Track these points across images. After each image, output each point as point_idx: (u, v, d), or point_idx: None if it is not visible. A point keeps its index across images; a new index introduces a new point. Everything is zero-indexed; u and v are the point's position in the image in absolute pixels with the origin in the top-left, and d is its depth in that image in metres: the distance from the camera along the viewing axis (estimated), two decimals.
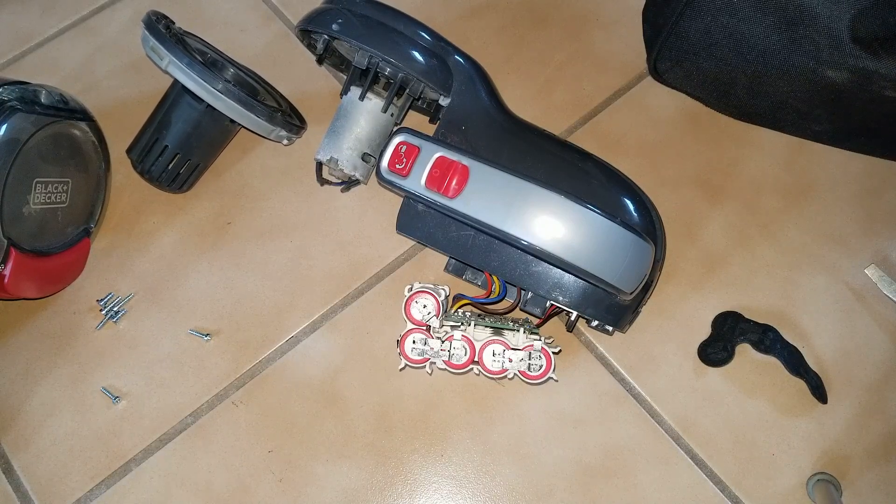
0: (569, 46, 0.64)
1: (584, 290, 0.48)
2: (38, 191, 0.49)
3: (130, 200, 0.58)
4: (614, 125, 0.61)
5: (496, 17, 0.66)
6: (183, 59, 0.50)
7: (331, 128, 0.55)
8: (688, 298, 0.54)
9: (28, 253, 0.49)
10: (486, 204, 0.44)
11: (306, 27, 0.51)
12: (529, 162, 0.49)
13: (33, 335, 0.53)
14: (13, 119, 0.46)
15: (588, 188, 0.49)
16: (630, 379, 0.52)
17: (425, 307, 0.47)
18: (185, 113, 0.54)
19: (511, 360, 0.47)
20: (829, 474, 0.48)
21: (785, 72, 0.53)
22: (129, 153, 0.56)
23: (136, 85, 0.63)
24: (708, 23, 0.54)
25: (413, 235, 0.51)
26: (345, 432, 0.50)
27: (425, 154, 0.46)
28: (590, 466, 0.49)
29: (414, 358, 0.47)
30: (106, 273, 0.55)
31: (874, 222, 0.57)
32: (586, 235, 0.43)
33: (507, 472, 0.49)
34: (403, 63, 0.49)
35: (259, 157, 0.60)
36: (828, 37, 0.50)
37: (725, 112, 0.61)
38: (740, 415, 0.51)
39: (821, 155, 0.60)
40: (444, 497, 0.49)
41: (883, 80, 0.51)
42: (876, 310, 0.54)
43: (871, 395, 0.51)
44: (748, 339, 0.52)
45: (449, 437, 0.50)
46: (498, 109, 0.51)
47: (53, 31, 0.66)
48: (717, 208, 0.58)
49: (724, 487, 0.49)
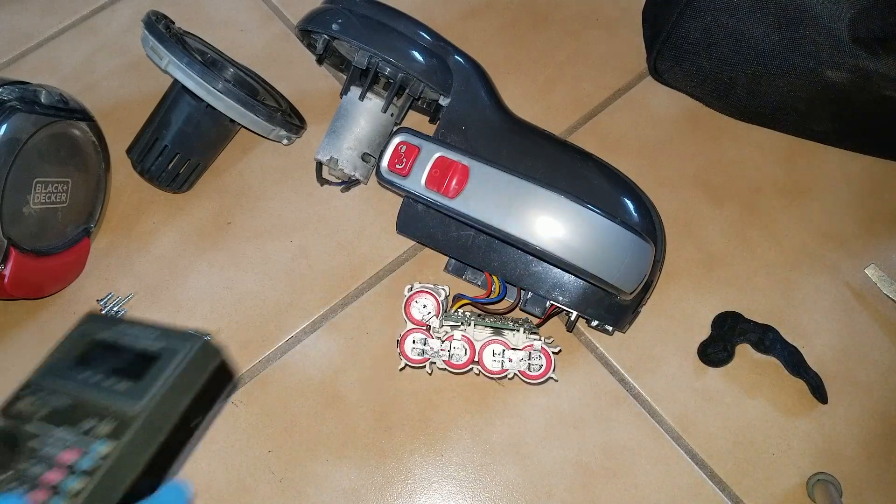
0: (569, 46, 0.64)
1: (583, 290, 0.48)
2: (38, 191, 0.49)
3: (130, 200, 0.58)
4: (614, 125, 0.61)
5: (496, 17, 0.66)
6: (183, 58, 0.50)
7: (331, 128, 0.55)
8: (688, 298, 0.54)
9: (28, 253, 0.49)
10: (486, 204, 0.44)
11: (306, 27, 0.51)
12: (529, 162, 0.49)
13: (33, 335, 0.53)
14: (13, 119, 0.46)
15: (588, 188, 0.49)
16: (630, 379, 0.52)
17: (425, 307, 0.47)
18: (184, 113, 0.54)
19: (511, 359, 0.47)
20: (829, 474, 0.48)
21: (785, 72, 0.53)
22: (129, 153, 0.56)
23: (136, 85, 0.63)
24: (708, 23, 0.54)
25: (413, 235, 0.51)
26: (345, 432, 0.50)
27: (425, 154, 0.46)
28: (590, 466, 0.49)
29: (414, 358, 0.47)
30: (106, 273, 0.55)
31: (874, 222, 0.57)
32: (586, 235, 0.43)
33: (506, 472, 0.49)
34: (403, 63, 0.49)
35: (259, 157, 0.60)
36: (828, 37, 0.50)
37: (725, 112, 0.61)
38: (740, 415, 0.51)
39: (821, 155, 0.60)
40: (443, 497, 0.49)
41: (883, 80, 0.51)
42: (876, 310, 0.54)
43: (871, 395, 0.51)
44: (748, 339, 0.52)
45: (449, 437, 0.50)
46: (498, 109, 0.51)
47: (53, 30, 0.66)
48: (717, 208, 0.58)
49: (724, 487, 0.49)
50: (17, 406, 0.36)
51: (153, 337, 0.37)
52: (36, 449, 0.34)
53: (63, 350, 0.39)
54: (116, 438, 0.33)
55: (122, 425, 0.33)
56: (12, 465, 0.33)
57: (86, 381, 0.36)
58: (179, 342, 0.36)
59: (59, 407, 0.36)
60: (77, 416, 0.35)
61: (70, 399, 0.36)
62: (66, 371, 0.37)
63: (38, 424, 0.35)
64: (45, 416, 0.35)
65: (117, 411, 0.34)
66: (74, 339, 0.39)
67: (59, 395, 0.36)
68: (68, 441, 0.34)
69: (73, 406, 0.36)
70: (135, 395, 0.34)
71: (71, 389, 0.36)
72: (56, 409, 0.36)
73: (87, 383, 0.36)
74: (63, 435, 0.34)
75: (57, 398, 0.36)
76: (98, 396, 0.35)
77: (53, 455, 0.33)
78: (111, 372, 0.36)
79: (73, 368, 0.37)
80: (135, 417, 0.34)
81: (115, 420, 0.34)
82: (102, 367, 0.37)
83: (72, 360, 0.38)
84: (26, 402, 0.37)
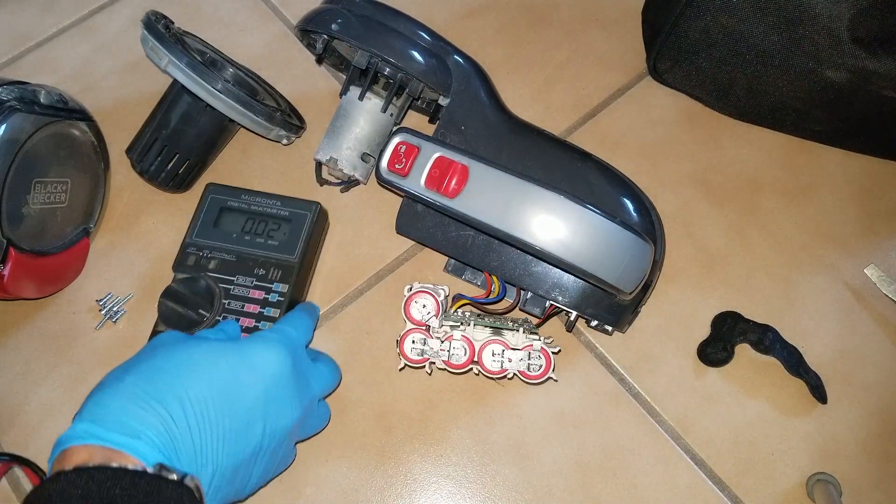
0: (569, 46, 0.64)
1: (583, 290, 0.48)
2: (38, 191, 0.49)
3: (130, 200, 0.58)
4: (614, 125, 0.61)
5: (496, 17, 0.66)
6: (182, 58, 0.50)
7: (330, 128, 0.55)
8: (687, 298, 0.54)
9: (27, 253, 0.49)
10: (486, 204, 0.44)
11: (306, 27, 0.51)
12: (529, 162, 0.49)
13: (33, 335, 0.53)
14: (12, 119, 0.46)
15: (587, 188, 0.49)
16: (630, 379, 0.52)
17: (425, 307, 0.47)
18: (184, 113, 0.53)
19: (510, 359, 0.47)
20: (828, 474, 0.48)
21: (784, 72, 0.53)
22: (129, 153, 0.56)
23: (136, 85, 0.63)
24: (707, 23, 0.54)
25: (412, 236, 0.51)
26: (344, 432, 0.50)
27: (425, 154, 0.46)
28: (589, 466, 0.49)
29: (413, 358, 0.47)
30: (105, 273, 0.55)
31: (874, 222, 0.57)
32: (586, 235, 0.43)
33: (506, 472, 0.49)
34: (403, 63, 0.49)
35: (258, 157, 0.60)
36: (827, 37, 0.50)
37: (725, 112, 0.61)
38: (740, 415, 0.51)
39: (820, 155, 0.60)
40: (443, 497, 0.49)
41: (882, 80, 0.51)
42: (875, 310, 0.54)
43: (871, 395, 0.51)
44: (748, 339, 0.52)
45: (448, 437, 0.50)
46: (497, 109, 0.51)
47: (53, 30, 0.66)
48: (716, 208, 0.58)
49: (723, 487, 0.49)
50: (188, 261, 0.50)
51: (279, 205, 0.52)
52: (229, 290, 0.49)
53: (201, 215, 0.51)
54: (287, 281, 0.49)
55: (287, 271, 0.50)
56: (216, 303, 0.48)
57: (240, 240, 0.50)
58: (302, 207, 0.52)
59: (225, 260, 0.50)
60: (246, 267, 0.49)
61: (231, 255, 0.50)
62: (213, 232, 0.51)
63: (216, 275, 0.49)
64: (218, 268, 0.49)
65: (279, 261, 0.50)
66: (208, 206, 0.52)
67: (219, 251, 0.50)
68: (250, 284, 0.49)
69: (237, 259, 0.50)
70: (288, 249, 0.50)
71: (227, 246, 0.50)
72: (223, 261, 0.50)
73: (242, 241, 0.50)
74: (243, 281, 0.49)
75: (219, 253, 0.50)
76: (256, 251, 0.50)
77: (245, 294, 0.49)
78: (255, 232, 0.51)
79: (218, 229, 0.51)
80: (294, 264, 0.50)
81: (280, 268, 0.50)
82: (246, 227, 0.51)
83: (212, 223, 0.51)
84: (193, 259, 0.50)
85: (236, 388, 0.38)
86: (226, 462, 0.36)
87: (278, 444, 0.40)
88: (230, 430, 0.37)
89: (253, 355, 0.40)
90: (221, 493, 0.37)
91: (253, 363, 0.39)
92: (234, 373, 0.38)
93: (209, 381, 0.37)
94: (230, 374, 0.38)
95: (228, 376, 0.38)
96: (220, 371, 0.38)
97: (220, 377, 0.37)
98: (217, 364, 0.38)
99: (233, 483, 0.38)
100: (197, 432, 0.35)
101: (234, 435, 0.37)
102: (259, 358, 0.40)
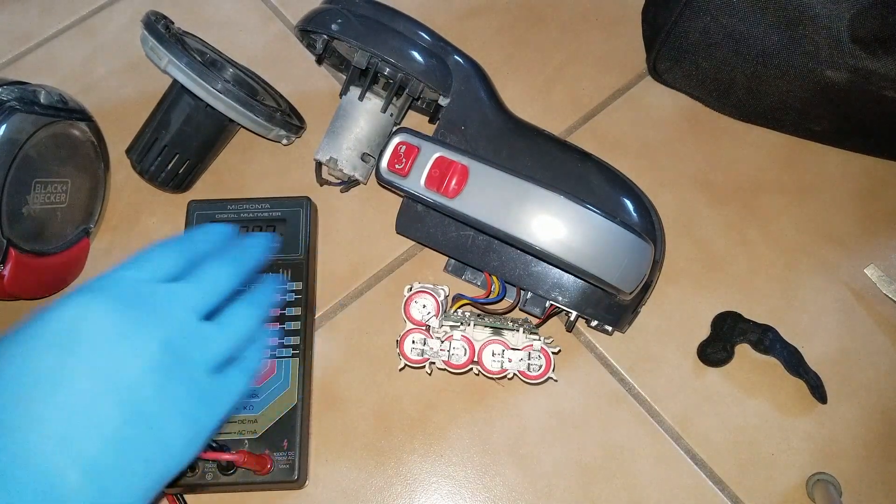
0: (568, 46, 0.64)
1: (583, 290, 0.48)
2: (38, 191, 0.49)
3: (130, 200, 0.58)
4: (614, 125, 0.61)
5: (496, 18, 0.66)
6: (182, 58, 0.50)
7: (330, 128, 0.55)
8: (687, 298, 0.54)
9: (27, 253, 0.49)
10: (486, 204, 0.44)
11: (305, 27, 0.51)
12: (529, 162, 0.49)
13: None
14: (12, 119, 0.46)
15: (587, 188, 0.49)
16: (630, 379, 0.52)
17: (425, 307, 0.47)
18: (184, 113, 0.53)
19: (510, 360, 0.47)
20: (829, 474, 0.48)
21: (784, 72, 0.53)
22: (129, 153, 0.56)
23: (136, 85, 0.63)
24: (707, 23, 0.54)
25: (412, 236, 0.51)
26: (344, 432, 0.50)
27: (425, 154, 0.46)
28: (589, 466, 0.49)
29: (413, 358, 0.47)
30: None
31: (874, 222, 0.57)
32: (586, 235, 0.43)
33: (506, 472, 0.49)
34: (403, 63, 0.49)
35: (258, 157, 0.60)
36: (827, 36, 0.50)
37: (725, 112, 0.61)
38: (740, 415, 0.51)
39: (820, 155, 0.60)
40: (443, 497, 0.49)
41: (882, 80, 0.51)
42: (875, 310, 0.54)
43: (871, 395, 0.51)
44: (748, 339, 0.52)
45: (448, 437, 0.50)
46: (497, 109, 0.51)
47: (52, 31, 0.66)
48: (716, 208, 0.58)
49: (723, 487, 0.49)
50: None
51: (268, 207, 0.53)
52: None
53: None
54: (299, 278, 0.51)
55: (297, 268, 0.52)
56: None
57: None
58: (294, 205, 0.53)
59: None
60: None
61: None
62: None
63: None
64: None
65: (286, 261, 0.52)
66: (196, 223, 0.52)
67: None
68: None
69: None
70: (292, 247, 0.52)
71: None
72: None
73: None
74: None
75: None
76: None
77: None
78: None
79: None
80: (302, 261, 0.52)
81: (290, 267, 0.51)
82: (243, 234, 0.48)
83: None
84: None
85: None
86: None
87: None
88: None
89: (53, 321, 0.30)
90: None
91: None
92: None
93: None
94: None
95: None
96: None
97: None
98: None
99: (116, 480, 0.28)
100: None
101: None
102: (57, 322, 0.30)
